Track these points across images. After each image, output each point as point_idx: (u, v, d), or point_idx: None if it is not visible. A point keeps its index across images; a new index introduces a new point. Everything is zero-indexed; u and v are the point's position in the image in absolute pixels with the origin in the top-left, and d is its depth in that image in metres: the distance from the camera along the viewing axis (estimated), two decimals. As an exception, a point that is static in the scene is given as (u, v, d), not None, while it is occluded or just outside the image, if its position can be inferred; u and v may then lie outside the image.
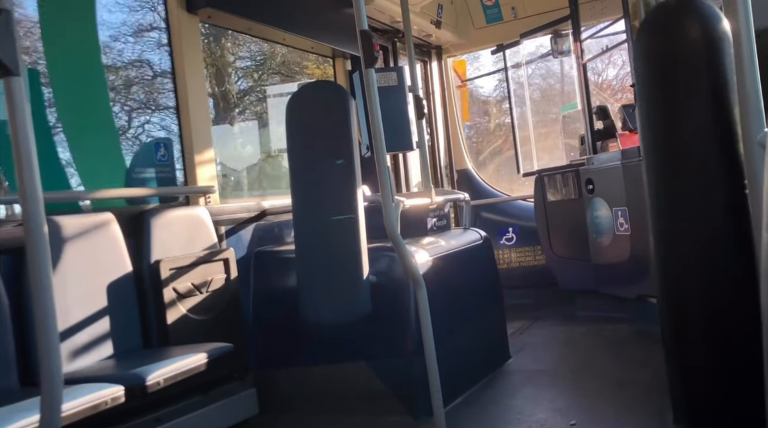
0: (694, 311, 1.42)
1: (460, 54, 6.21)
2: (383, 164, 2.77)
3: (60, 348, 1.59)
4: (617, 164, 4.28)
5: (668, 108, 1.39)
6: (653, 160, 1.46)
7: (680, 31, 1.38)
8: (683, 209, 1.41)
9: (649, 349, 3.58)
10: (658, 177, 1.46)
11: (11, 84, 1.58)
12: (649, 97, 1.44)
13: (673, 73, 1.39)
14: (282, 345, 3.23)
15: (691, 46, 1.36)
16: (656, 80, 1.42)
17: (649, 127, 1.45)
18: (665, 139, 1.41)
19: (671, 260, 1.43)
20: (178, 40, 3.26)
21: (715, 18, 1.38)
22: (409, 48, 3.76)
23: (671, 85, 1.39)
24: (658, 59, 1.40)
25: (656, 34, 1.42)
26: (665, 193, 1.44)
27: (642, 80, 1.44)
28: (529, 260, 5.55)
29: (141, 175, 3.06)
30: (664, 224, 1.46)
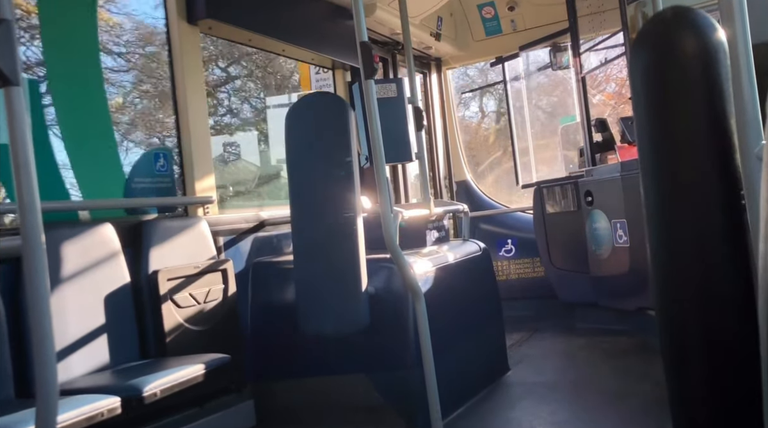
0: (692, 323, 1.42)
1: (459, 66, 6.24)
2: (382, 175, 2.77)
3: (56, 358, 1.58)
4: (616, 176, 4.29)
5: (664, 120, 1.39)
6: (649, 172, 1.46)
7: (675, 43, 1.38)
8: (679, 221, 1.40)
9: (648, 361, 3.57)
10: (654, 189, 1.46)
11: (11, 94, 1.58)
12: (644, 109, 1.44)
13: (669, 84, 1.39)
14: (280, 357, 3.21)
15: (686, 57, 1.36)
16: (651, 92, 1.42)
17: (645, 139, 1.45)
18: (661, 151, 1.41)
19: (668, 273, 1.43)
20: (178, 51, 3.27)
21: (710, 29, 1.39)
22: (409, 60, 3.77)
23: (667, 97, 1.39)
24: (653, 71, 1.40)
25: (651, 46, 1.42)
26: (661, 205, 1.43)
27: (638, 92, 1.45)
28: (528, 271, 5.55)
29: (140, 185, 3.06)
30: (661, 236, 1.46)
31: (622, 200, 4.22)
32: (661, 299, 1.51)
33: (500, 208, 5.88)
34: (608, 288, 4.54)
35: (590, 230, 4.62)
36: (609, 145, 5.01)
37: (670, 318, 1.45)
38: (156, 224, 2.89)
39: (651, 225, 1.51)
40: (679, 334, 1.46)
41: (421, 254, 3.36)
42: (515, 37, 5.67)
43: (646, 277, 3.92)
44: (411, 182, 5.30)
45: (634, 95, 1.48)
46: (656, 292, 1.55)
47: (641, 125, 1.47)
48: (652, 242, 1.51)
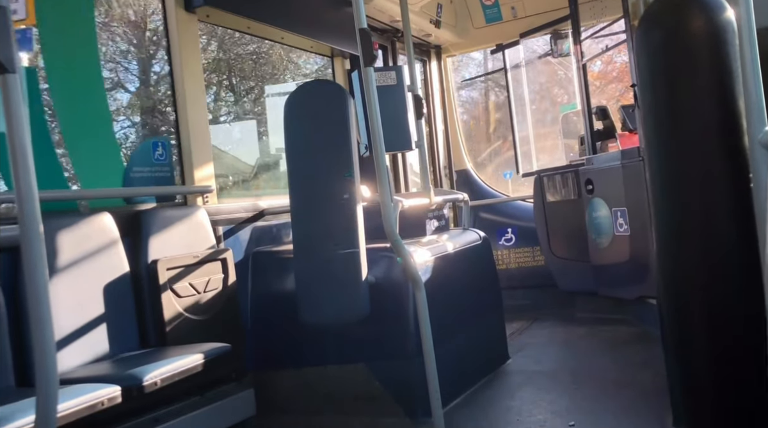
0: (696, 312, 1.41)
1: (459, 53, 6.20)
2: (382, 164, 2.76)
3: (55, 348, 1.58)
4: (617, 165, 4.27)
5: (671, 103, 1.37)
6: (655, 157, 1.44)
7: (683, 22, 1.35)
8: (686, 207, 1.39)
9: (648, 351, 3.58)
10: (660, 175, 1.44)
11: (7, 81, 1.57)
12: (651, 92, 1.41)
13: (676, 66, 1.36)
14: (280, 346, 3.21)
15: (694, 37, 1.33)
16: (659, 74, 1.39)
17: (652, 123, 1.43)
18: (668, 135, 1.39)
19: (673, 260, 1.41)
20: (175, 39, 3.24)
21: (719, 7, 1.36)
22: (408, 47, 3.74)
23: (674, 79, 1.37)
24: (661, 51, 1.38)
25: (658, 26, 1.40)
26: (667, 191, 1.42)
27: (644, 74, 1.42)
28: (528, 260, 5.54)
29: (138, 174, 3.05)
30: (666, 223, 1.44)
31: (622, 189, 4.21)
32: (664, 288, 1.50)
33: (500, 197, 5.87)
34: (608, 277, 4.54)
35: (591, 218, 4.61)
36: (610, 133, 4.99)
37: (672, 307, 1.44)
38: (155, 214, 2.88)
39: (656, 210, 1.50)
40: (681, 323, 1.45)
41: (421, 244, 3.35)
42: (516, 25, 5.63)
43: (646, 266, 3.92)
44: (411, 171, 5.29)
45: (640, 77, 1.46)
46: (659, 280, 1.54)
47: (646, 108, 1.45)
48: (658, 229, 1.50)
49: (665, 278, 1.47)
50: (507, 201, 5.82)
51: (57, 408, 1.58)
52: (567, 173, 4.89)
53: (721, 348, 1.42)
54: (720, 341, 1.41)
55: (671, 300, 1.45)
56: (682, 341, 1.47)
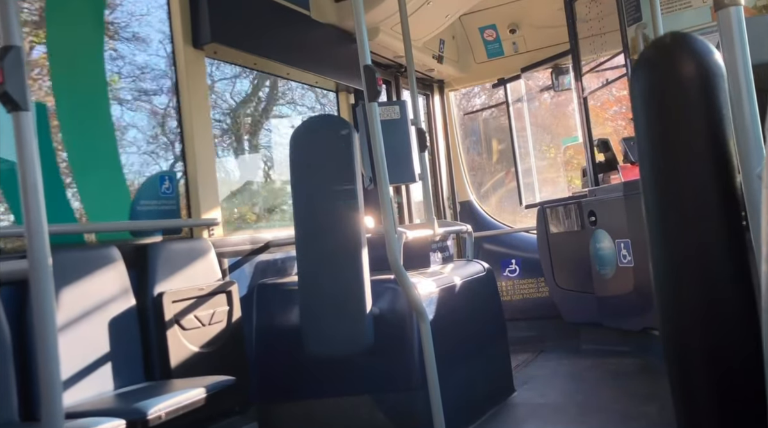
0: (697, 345, 1.41)
1: (461, 88, 6.28)
2: (386, 195, 2.79)
3: (61, 381, 1.58)
4: (619, 196, 4.29)
5: (664, 143, 1.40)
6: (650, 193, 1.47)
7: (675, 67, 1.40)
8: (681, 242, 1.41)
9: (654, 383, 3.55)
10: (655, 211, 1.47)
11: (20, 119, 1.61)
12: (645, 131, 1.45)
13: (669, 107, 1.40)
14: (284, 379, 3.20)
15: (685, 80, 1.38)
16: (652, 115, 1.43)
17: (646, 160, 1.46)
18: (662, 174, 1.42)
19: (671, 294, 1.43)
20: (183, 75, 3.31)
21: (709, 54, 1.41)
22: (412, 82, 3.81)
23: (667, 120, 1.41)
24: (653, 94, 1.42)
25: (651, 71, 1.45)
26: (663, 227, 1.44)
27: (638, 116, 1.46)
28: (532, 292, 5.53)
29: (145, 207, 3.08)
30: (663, 257, 1.46)
31: (625, 220, 4.23)
32: (665, 321, 1.51)
33: (504, 228, 5.89)
34: (613, 309, 4.52)
35: (594, 250, 4.62)
36: (612, 165, 5.03)
37: (674, 339, 1.45)
38: (161, 247, 2.90)
39: (653, 246, 1.52)
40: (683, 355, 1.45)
41: (426, 275, 3.36)
42: (517, 59, 5.73)
43: (650, 297, 3.91)
44: (414, 202, 5.32)
45: (635, 117, 1.50)
46: (660, 313, 1.55)
47: (642, 147, 1.49)
48: (655, 263, 1.52)
49: (664, 311, 1.48)
50: (510, 232, 5.83)
51: (62, 442, 1.58)
52: (570, 204, 4.91)
53: (724, 382, 1.42)
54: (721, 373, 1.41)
55: (671, 333, 1.47)
56: (683, 374, 1.47)
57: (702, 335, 1.38)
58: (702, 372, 1.43)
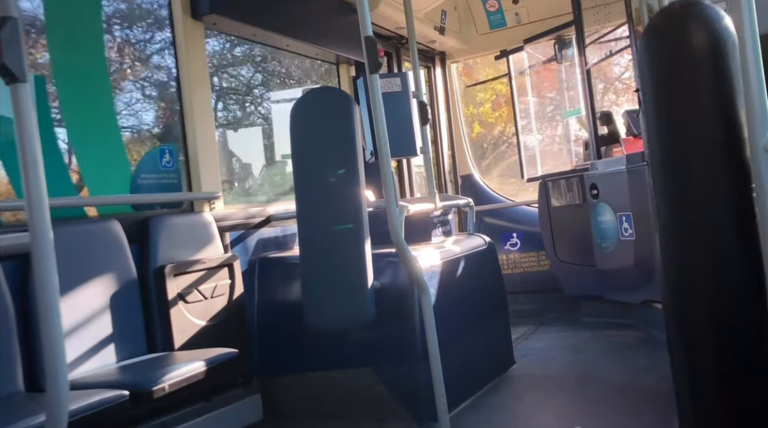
0: (702, 316, 1.41)
1: (463, 60, 6.22)
2: (387, 169, 2.77)
3: (65, 354, 1.59)
4: (621, 169, 4.28)
5: (673, 113, 1.38)
6: (659, 165, 1.45)
7: (685, 36, 1.37)
8: (689, 213, 1.40)
9: (654, 355, 3.57)
10: (663, 182, 1.45)
11: (18, 91, 1.59)
12: (654, 102, 1.43)
13: (678, 77, 1.38)
14: (286, 351, 3.23)
15: (696, 50, 1.35)
16: (661, 85, 1.41)
17: (655, 131, 1.44)
18: (671, 144, 1.40)
19: (677, 266, 1.42)
20: (182, 47, 3.27)
21: (720, 21, 1.38)
22: (413, 54, 3.76)
23: (676, 90, 1.38)
24: (662, 64, 1.40)
25: (661, 39, 1.41)
26: (670, 197, 1.43)
27: (647, 86, 1.43)
28: (533, 265, 5.54)
29: (146, 181, 3.07)
30: (671, 229, 1.45)
31: (627, 193, 4.21)
32: (669, 293, 1.50)
33: (505, 202, 5.88)
34: (614, 281, 4.53)
35: (595, 223, 4.61)
36: (614, 138, 5.00)
37: (678, 312, 1.45)
38: (162, 220, 2.90)
39: (660, 218, 1.51)
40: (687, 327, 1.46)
41: (427, 248, 3.36)
42: (519, 30, 5.65)
43: (651, 270, 3.93)
44: (415, 176, 5.30)
45: (642, 88, 1.47)
46: (664, 285, 1.54)
47: (649, 118, 1.46)
48: (662, 235, 1.51)
49: (669, 283, 1.47)
50: (512, 206, 5.82)
51: (67, 414, 1.60)
52: (572, 177, 4.90)
53: (727, 353, 1.42)
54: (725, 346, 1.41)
55: (675, 305, 1.46)
56: (687, 346, 1.47)
57: (707, 306, 1.38)
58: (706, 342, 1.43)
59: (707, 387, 1.53)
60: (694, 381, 1.55)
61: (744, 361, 1.41)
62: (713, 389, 1.51)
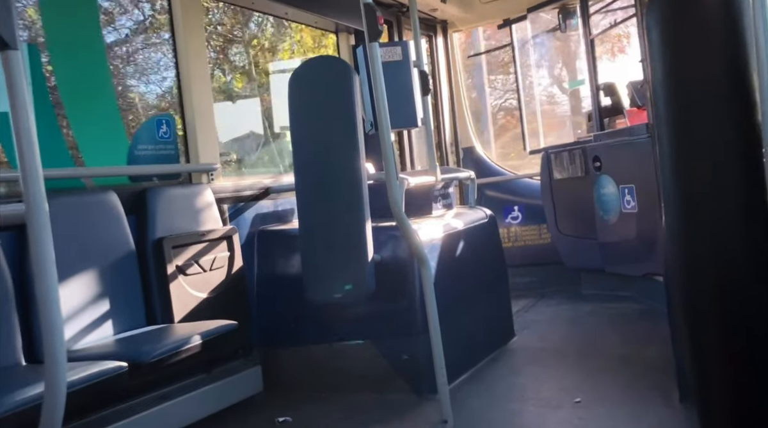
0: (705, 287, 1.39)
1: (465, 29, 6.11)
2: (387, 141, 2.73)
3: (63, 325, 1.59)
4: (625, 141, 4.23)
5: (683, 75, 1.34)
6: (666, 130, 1.41)
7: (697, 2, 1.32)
8: (697, 182, 1.36)
9: (654, 327, 3.57)
10: (670, 149, 1.42)
11: (9, 58, 1.55)
12: (662, 63, 1.38)
13: (689, 36, 1.33)
14: (286, 324, 3.23)
15: (707, 7, 1.30)
16: (670, 45, 1.36)
17: (663, 95, 1.40)
18: (679, 108, 1.36)
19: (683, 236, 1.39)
20: (179, 18, 3.21)
21: None
22: (414, 22, 3.69)
23: (686, 51, 1.33)
24: (672, 23, 1.35)
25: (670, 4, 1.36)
26: (678, 166, 1.39)
27: (655, 45, 1.38)
28: (534, 238, 5.53)
29: (143, 152, 3.04)
30: (677, 198, 1.42)
31: (630, 166, 4.18)
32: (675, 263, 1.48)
33: (507, 175, 5.84)
34: (615, 254, 4.52)
35: (598, 195, 4.58)
36: (618, 109, 4.94)
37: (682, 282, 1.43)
38: (160, 192, 2.88)
39: (666, 187, 1.47)
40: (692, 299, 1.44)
41: (427, 222, 3.34)
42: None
43: (653, 243, 3.91)
44: (416, 148, 5.26)
45: (651, 48, 1.42)
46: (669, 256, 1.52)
47: (658, 79, 1.41)
48: (667, 205, 1.48)
49: (675, 254, 1.45)
50: (513, 179, 5.79)
51: (66, 384, 1.59)
52: (574, 150, 4.85)
53: (730, 326, 1.40)
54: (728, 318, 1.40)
55: (680, 276, 1.44)
56: (689, 318, 1.45)
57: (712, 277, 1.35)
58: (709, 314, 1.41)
59: (710, 360, 1.51)
60: (696, 354, 1.54)
61: (748, 334, 1.40)
62: (716, 361, 1.50)
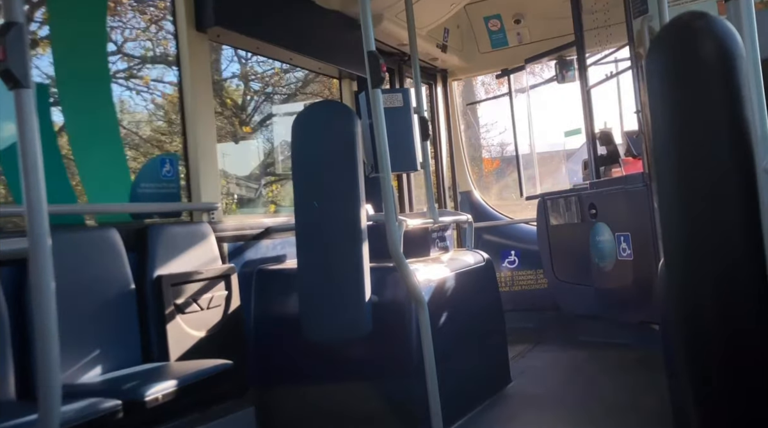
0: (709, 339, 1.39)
1: (465, 78, 6.25)
2: (388, 184, 2.78)
3: (59, 361, 1.58)
4: (621, 190, 4.28)
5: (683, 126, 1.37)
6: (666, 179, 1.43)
7: (694, 47, 1.36)
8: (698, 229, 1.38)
9: (651, 375, 3.55)
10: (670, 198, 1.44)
11: (21, 96, 1.60)
12: (662, 114, 1.41)
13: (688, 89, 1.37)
14: (282, 364, 3.21)
15: (705, 62, 1.34)
16: (670, 97, 1.40)
17: (662, 145, 1.43)
18: (679, 157, 1.39)
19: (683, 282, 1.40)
20: (186, 58, 3.29)
21: (729, 34, 1.37)
22: (415, 70, 3.79)
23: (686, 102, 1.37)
24: (671, 75, 1.39)
25: (669, 50, 1.40)
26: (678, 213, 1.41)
27: (654, 97, 1.42)
28: (531, 283, 5.53)
29: (146, 190, 3.07)
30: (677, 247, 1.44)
31: (626, 214, 4.22)
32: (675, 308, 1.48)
33: (504, 219, 5.88)
34: (611, 301, 4.52)
35: (594, 242, 4.61)
36: (614, 158, 5.00)
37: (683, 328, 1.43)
38: (161, 230, 2.90)
39: (666, 236, 1.49)
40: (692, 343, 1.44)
41: (425, 263, 3.35)
42: (521, 50, 5.69)
43: (649, 290, 3.91)
44: (415, 191, 5.31)
45: (651, 99, 1.46)
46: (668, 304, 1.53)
47: (658, 129, 1.45)
48: (667, 254, 1.49)
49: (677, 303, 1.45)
50: (510, 223, 5.82)
51: (59, 422, 1.58)
52: (570, 196, 4.90)
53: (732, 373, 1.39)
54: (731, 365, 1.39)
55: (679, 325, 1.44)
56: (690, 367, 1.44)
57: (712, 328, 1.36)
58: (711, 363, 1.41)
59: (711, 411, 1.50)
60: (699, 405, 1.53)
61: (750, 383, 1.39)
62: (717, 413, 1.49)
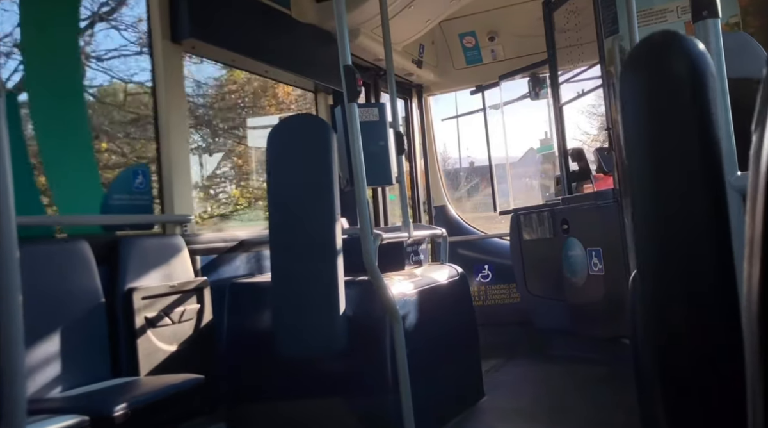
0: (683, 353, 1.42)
1: (439, 93, 6.32)
2: (363, 197, 2.78)
3: (25, 376, 1.55)
4: (592, 205, 4.35)
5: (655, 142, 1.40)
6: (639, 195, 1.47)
7: (667, 66, 1.40)
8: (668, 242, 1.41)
9: (622, 390, 3.58)
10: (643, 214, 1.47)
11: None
12: (635, 132, 1.45)
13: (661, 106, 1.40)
14: (255, 379, 3.17)
15: (677, 80, 1.38)
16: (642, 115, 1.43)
17: (635, 160, 1.46)
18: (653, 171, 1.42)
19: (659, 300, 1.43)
20: (160, 69, 3.27)
21: (700, 54, 1.41)
22: (391, 85, 3.81)
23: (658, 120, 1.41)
24: (644, 93, 1.42)
25: (642, 69, 1.44)
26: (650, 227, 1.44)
27: (627, 115, 1.45)
28: (504, 297, 5.57)
29: (117, 202, 3.03)
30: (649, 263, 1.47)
31: (597, 229, 4.28)
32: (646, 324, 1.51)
33: (478, 234, 5.92)
34: (583, 316, 4.57)
35: (566, 257, 4.67)
36: (585, 174, 5.09)
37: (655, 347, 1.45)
38: (133, 242, 2.86)
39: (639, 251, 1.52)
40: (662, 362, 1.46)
41: (400, 277, 3.36)
42: (495, 67, 5.77)
43: (620, 304, 3.97)
44: (390, 205, 5.32)
45: (623, 117, 1.50)
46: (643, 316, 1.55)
47: (631, 147, 1.48)
48: (640, 270, 1.52)
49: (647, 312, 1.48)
50: (484, 238, 5.87)
51: (24, 439, 1.54)
52: (543, 212, 4.96)
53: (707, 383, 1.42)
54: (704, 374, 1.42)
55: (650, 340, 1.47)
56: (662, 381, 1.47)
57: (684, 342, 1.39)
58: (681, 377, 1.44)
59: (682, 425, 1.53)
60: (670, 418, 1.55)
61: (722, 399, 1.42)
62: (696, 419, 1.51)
